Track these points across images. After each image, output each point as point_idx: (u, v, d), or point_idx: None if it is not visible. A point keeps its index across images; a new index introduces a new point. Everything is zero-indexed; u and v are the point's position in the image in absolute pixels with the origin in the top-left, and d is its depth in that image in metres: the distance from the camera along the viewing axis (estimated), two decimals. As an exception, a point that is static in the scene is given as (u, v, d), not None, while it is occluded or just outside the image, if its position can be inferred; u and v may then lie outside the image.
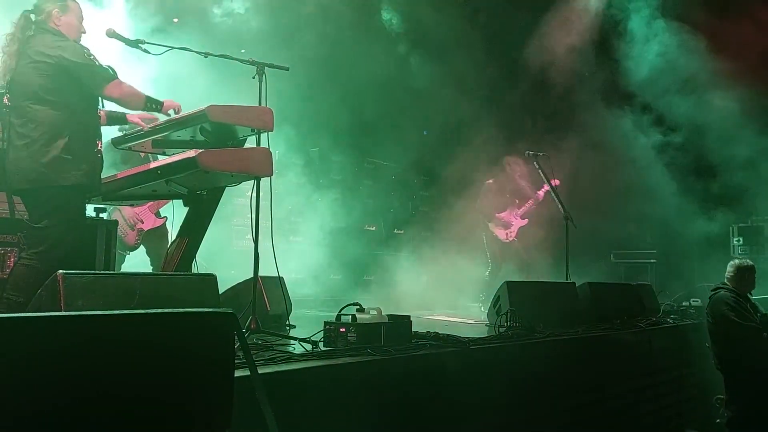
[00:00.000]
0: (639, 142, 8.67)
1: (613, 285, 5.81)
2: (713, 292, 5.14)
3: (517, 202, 7.44)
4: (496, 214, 7.33)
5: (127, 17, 6.44)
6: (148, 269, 5.94)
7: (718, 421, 5.07)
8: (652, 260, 8.61)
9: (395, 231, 8.92)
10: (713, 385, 5.21)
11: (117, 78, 3.41)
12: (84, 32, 3.54)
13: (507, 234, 7.38)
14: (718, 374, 5.05)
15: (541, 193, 7.28)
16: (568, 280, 5.64)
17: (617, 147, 8.58)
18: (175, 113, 3.51)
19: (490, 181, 7.45)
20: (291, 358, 2.72)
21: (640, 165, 8.54)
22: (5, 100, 3.36)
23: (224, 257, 7.02)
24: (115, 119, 3.86)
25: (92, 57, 3.38)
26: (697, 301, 6.42)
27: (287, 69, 3.81)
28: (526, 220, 7.47)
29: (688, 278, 7.36)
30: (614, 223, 8.61)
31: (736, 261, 5.27)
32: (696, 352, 5.44)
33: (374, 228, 8.70)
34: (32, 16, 3.39)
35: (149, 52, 3.62)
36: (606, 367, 4.44)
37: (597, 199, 8.22)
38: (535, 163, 6.31)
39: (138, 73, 4.73)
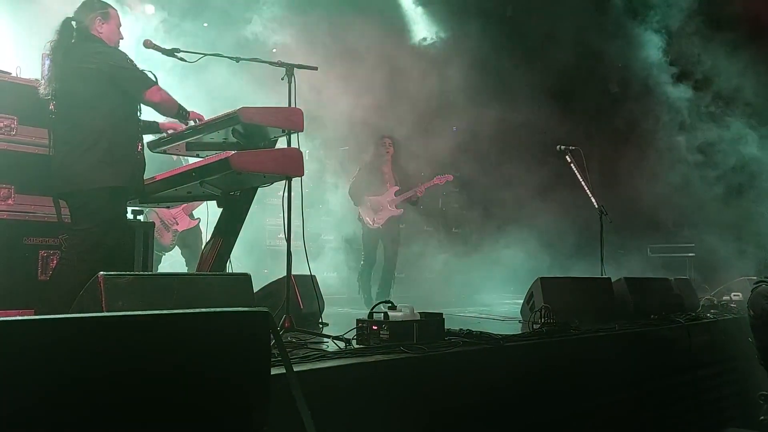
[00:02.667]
0: (677, 133, 8.48)
1: (650, 280, 5.69)
2: (755, 286, 5.00)
3: (397, 188, 6.64)
4: (366, 196, 6.56)
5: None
6: (184, 269, 6.07)
7: (761, 418, 4.93)
8: (690, 254, 8.42)
9: (425, 228, 8.91)
10: (756, 381, 5.07)
11: (157, 84, 3.50)
12: (122, 38, 3.66)
13: (373, 220, 6.51)
14: (762, 370, 4.91)
15: (422, 188, 6.64)
16: (604, 275, 5.56)
17: (654, 138, 8.41)
18: (196, 123, 3.61)
19: (364, 161, 6.87)
20: (325, 356, 2.73)
21: (678, 156, 8.35)
22: (51, 107, 3.48)
23: (258, 256, 7.13)
24: (148, 128, 3.96)
25: (133, 63, 3.47)
26: (738, 296, 6.26)
27: (316, 69, 3.84)
28: (401, 210, 6.64)
29: (727, 272, 7.16)
30: (651, 215, 8.45)
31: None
32: (737, 347, 5.30)
33: (404, 226, 8.70)
34: (73, 23, 3.48)
35: (185, 60, 3.71)
36: (644, 364, 4.36)
37: (633, 191, 8.08)
38: (567, 157, 6.20)
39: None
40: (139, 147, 3.55)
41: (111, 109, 3.39)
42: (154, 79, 3.52)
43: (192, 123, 3.66)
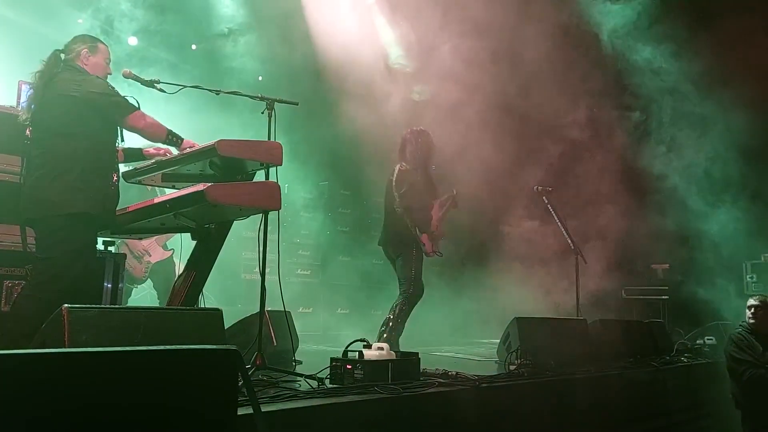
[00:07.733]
0: (650, 175, 8.60)
1: (625, 322, 5.71)
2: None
3: (438, 199, 5.16)
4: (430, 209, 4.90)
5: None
6: (155, 302, 5.93)
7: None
8: (664, 296, 8.47)
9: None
10: (731, 425, 5.08)
11: (140, 109, 3.47)
12: (110, 73, 3.65)
13: (436, 246, 5.02)
14: (738, 412, 4.95)
15: (454, 190, 5.08)
16: (580, 317, 5.56)
17: (627, 179, 8.52)
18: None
19: (404, 166, 4.96)
20: (296, 395, 2.67)
21: (650, 197, 8.46)
22: (27, 132, 3.42)
23: (232, 290, 7.01)
24: (131, 156, 3.90)
25: (114, 89, 3.45)
26: (711, 339, 6.31)
27: (297, 104, 3.85)
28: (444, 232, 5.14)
29: (701, 316, 7.21)
30: (625, 257, 8.50)
31: (750, 300, 5.21)
32: (712, 391, 5.31)
33: (383, 262, 8.64)
34: (62, 56, 3.50)
35: (164, 91, 3.68)
36: (619, 407, 4.33)
37: (605, 232, 8.14)
38: (544, 198, 6.23)
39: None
40: (114, 178, 3.48)
41: (88, 137, 3.34)
42: (136, 104, 3.48)
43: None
